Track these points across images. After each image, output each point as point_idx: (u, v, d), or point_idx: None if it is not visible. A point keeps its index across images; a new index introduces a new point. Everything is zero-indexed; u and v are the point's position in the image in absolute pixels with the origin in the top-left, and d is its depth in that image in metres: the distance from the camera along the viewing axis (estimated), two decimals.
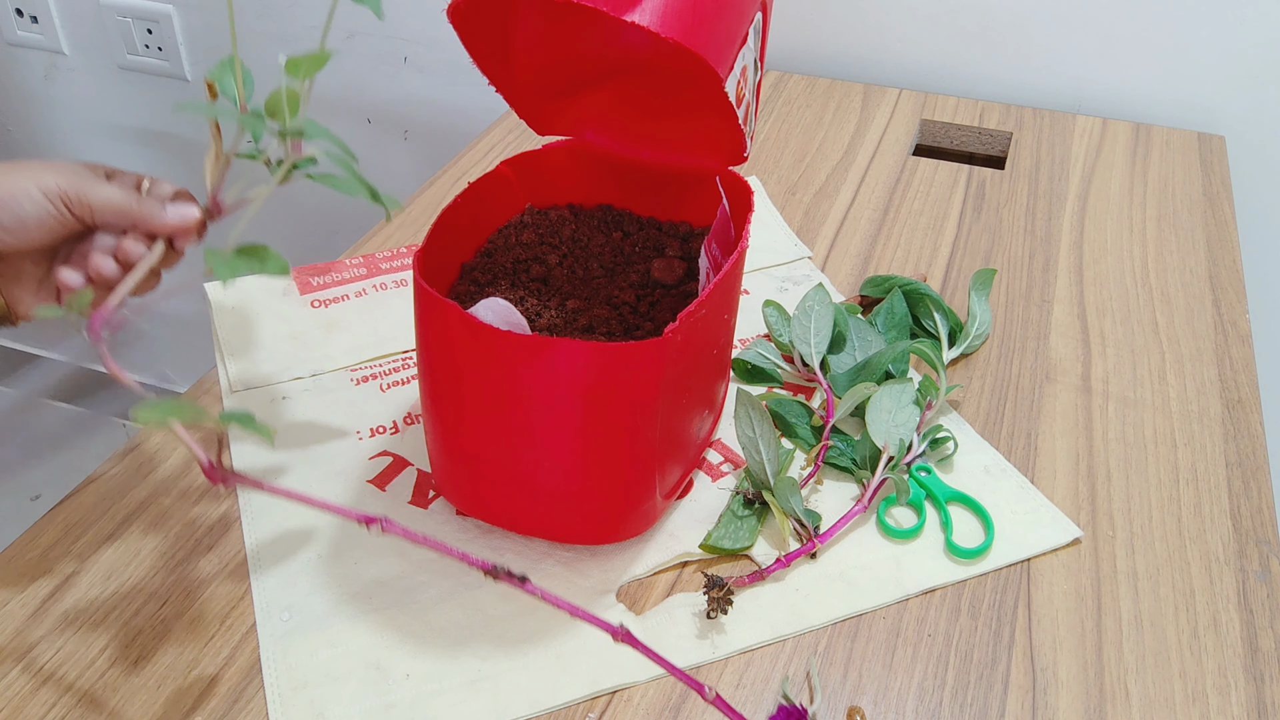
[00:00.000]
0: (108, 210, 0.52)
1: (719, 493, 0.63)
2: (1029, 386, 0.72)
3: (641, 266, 0.68)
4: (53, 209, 0.50)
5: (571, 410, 0.51)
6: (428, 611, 0.56)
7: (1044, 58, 1.09)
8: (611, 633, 0.46)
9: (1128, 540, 0.61)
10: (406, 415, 0.69)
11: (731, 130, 0.60)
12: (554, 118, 0.69)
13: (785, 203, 0.93)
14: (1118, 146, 1.02)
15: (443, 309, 0.51)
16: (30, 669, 0.53)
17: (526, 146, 0.81)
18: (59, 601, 0.57)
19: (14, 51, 1.53)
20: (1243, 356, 0.75)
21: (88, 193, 0.51)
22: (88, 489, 0.63)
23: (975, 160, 1.06)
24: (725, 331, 0.61)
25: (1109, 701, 0.53)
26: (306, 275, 0.80)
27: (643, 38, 0.62)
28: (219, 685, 0.53)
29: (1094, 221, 0.91)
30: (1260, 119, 1.05)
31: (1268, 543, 0.61)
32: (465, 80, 1.31)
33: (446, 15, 0.57)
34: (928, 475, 0.64)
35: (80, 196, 0.51)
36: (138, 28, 1.42)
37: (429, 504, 0.62)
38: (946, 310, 0.75)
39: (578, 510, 0.56)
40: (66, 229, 0.52)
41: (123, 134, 1.57)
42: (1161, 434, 0.69)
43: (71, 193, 0.51)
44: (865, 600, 0.57)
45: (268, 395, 0.70)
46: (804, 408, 0.68)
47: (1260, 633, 0.56)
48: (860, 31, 1.15)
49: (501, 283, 0.66)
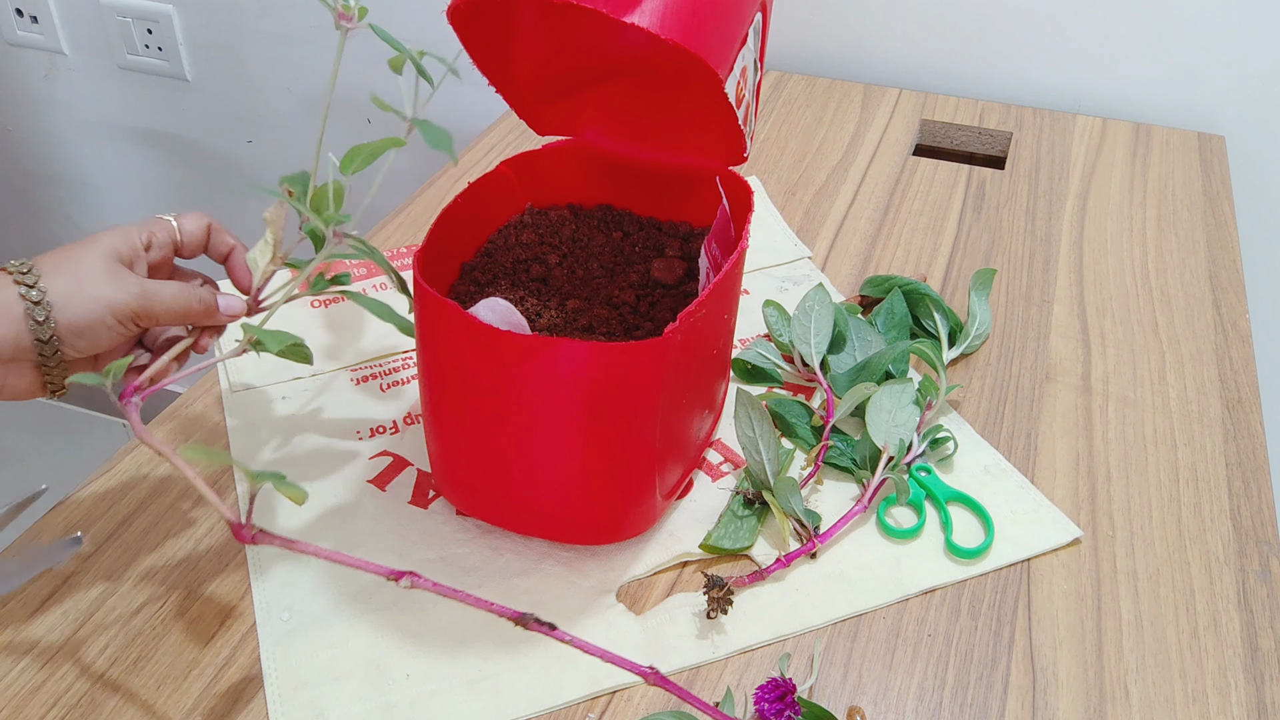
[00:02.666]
0: (171, 317, 0.54)
1: (719, 493, 0.63)
2: (1029, 386, 0.72)
3: (641, 266, 0.68)
4: (124, 330, 0.53)
5: (571, 410, 0.51)
6: (428, 611, 0.56)
7: (1044, 58, 1.09)
8: (643, 676, 0.47)
9: (1128, 540, 0.61)
10: (406, 415, 0.69)
11: (731, 130, 0.60)
12: (554, 118, 0.69)
13: (785, 203, 0.93)
14: (1118, 146, 1.02)
15: (443, 309, 0.51)
16: (30, 669, 0.53)
17: (526, 146, 0.81)
18: (59, 601, 0.57)
19: (14, 51, 1.53)
20: (1243, 356, 0.75)
21: (153, 307, 0.53)
22: (88, 489, 0.63)
23: (975, 160, 1.06)
24: (725, 331, 0.61)
25: (1109, 701, 0.53)
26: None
27: (642, 38, 0.62)
28: (219, 685, 0.53)
29: (1094, 221, 0.91)
30: (1260, 119, 1.05)
31: (1268, 543, 0.61)
32: (465, 80, 1.31)
33: (446, 16, 0.57)
34: (928, 475, 0.64)
35: (148, 312, 0.53)
36: (138, 28, 1.42)
37: (429, 504, 0.62)
38: (946, 310, 0.75)
39: (577, 510, 0.56)
40: (132, 340, 0.56)
41: (123, 134, 1.57)
42: (1161, 434, 0.69)
43: (141, 313, 0.53)
44: (865, 600, 0.57)
45: (268, 395, 0.70)
46: (804, 408, 0.68)
47: (1260, 633, 0.56)
48: (860, 31, 1.15)
49: (501, 283, 0.66)
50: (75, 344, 0.52)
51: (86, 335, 0.52)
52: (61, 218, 1.73)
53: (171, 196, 1.62)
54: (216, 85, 1.46)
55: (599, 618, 0.56)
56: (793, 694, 0.50)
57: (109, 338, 0.53)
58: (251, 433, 0.67)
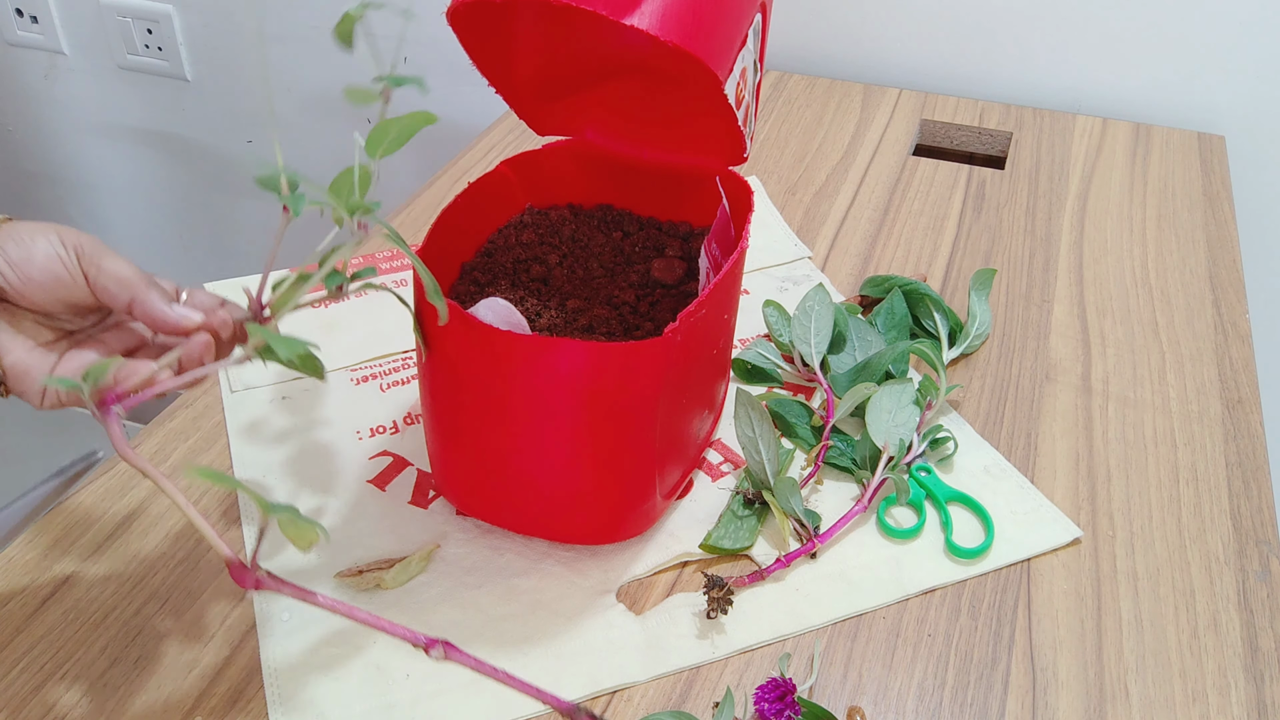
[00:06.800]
0: (112, 278, 0.50)
1: (719, 493, 0.63)
2: (1029, 386, 0.72)
3: (641, 266, 0.69)
4: (64, 253, 0.50)
5: (571, 410, 0.51)
6: (428, 611, 0.56)
7: (1044, 58, 1.09)
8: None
9: (1128, 540, 0.61)
10: (406, 415, 0.69)
11: (731, 131, 0.60)
12: (554, 118, 0.69)
13: (785, 203, 0.93)
14: (1118, 146, 1.02)
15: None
16: (30, 669, 0.53)
17: (526, 146, 0.81)
18: (59, 601, 0.57)
19: (14, 51, 1.53)
20: (1243, 356, 0.75)
21: (101, 255, 0.50)
22: (87, 489, 0.63)
23: (975, 160, 1.06)
24: (725, 331, 0.61)
25: (1109, 701, 0.53)
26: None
27: (642, 40, 0.62)
28: (219, 685, 0.53)
29: (1094, 221, 0.91)
30: (1260, 119, 1.05)
31: (1268, 543, 0.61)
32: (465, 80, 1.31)
33: (446, 17, 0.57)
34: (928, 475, 0.64)
35: (93, 256, 0.50)
36: (138, 28, 1.42)
37: (429, 504, 0.62)
38: (946, 310, 0.75)
39: (578, 510, 0.56)
40: (70, 282, 0.51)
41: (123, 134, 1.57)
42: (1161, 434, 0.69)
43: (87, 248, 0.50)
44: (865, 600, 0.57)
45: (267, 395, 0.70)
46: (804, 408, 0.68)
47: (1260, 633, 0.56)
48: (860, 31, 1.15)
49: (501, 283, 0.66)
50: (19, 273, 0.48)
51: (24, 242, 0.48)
52: (62, 218, 1.73)
53: (171, 196, 1.62)
54: (216, 85, 1.46)
55: (599, 618, 0.56)
56: (793, 694, 0.50)
57: (45, 254, 0.49)
58: (252, 433, 0.67)
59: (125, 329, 0.54)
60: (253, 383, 0.71)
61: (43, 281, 0.50)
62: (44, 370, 0.50)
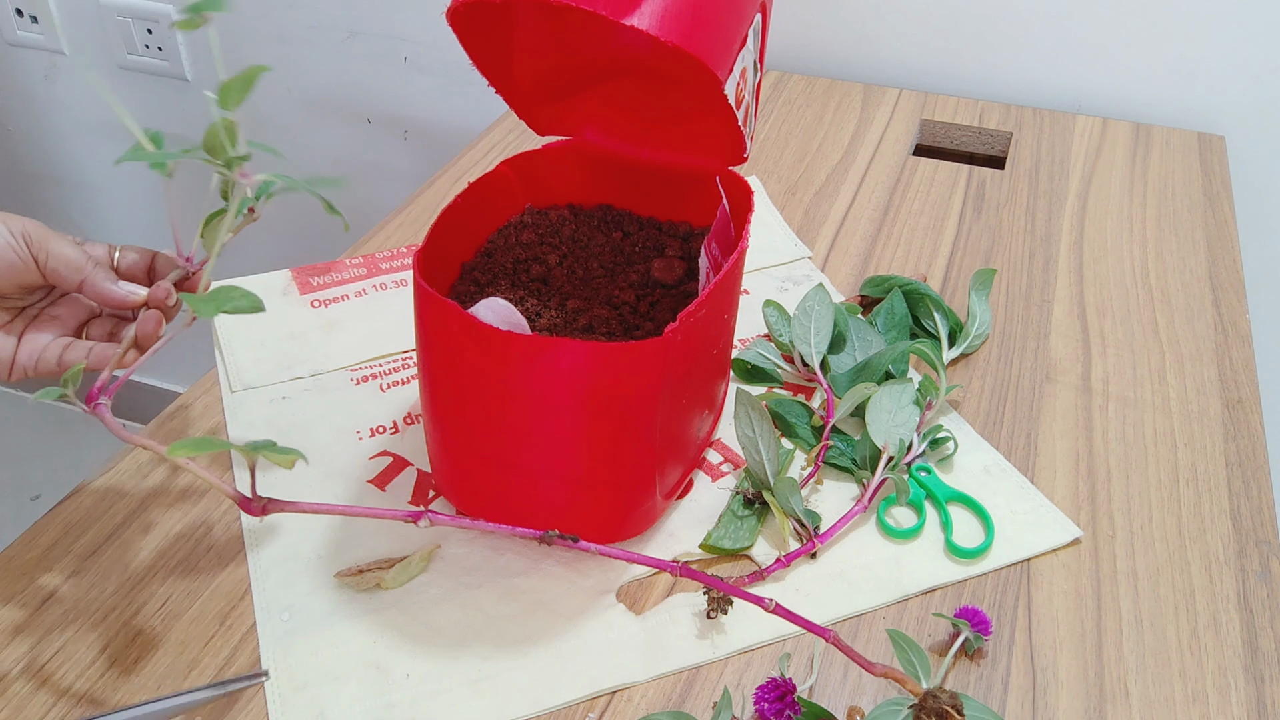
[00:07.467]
0: (61, 261, 0.55)
1: (719, 493, 0.63)
2: (1029, 386, 0.72)
3: (641, 266, 0.69)
4: (12, 240, 0.54)
5: (571, 410, 0.52)
6: (428, 611, 0.56)
7: (1044, 58, 1.09)
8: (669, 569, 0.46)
9: (1128, 540, 0.61)
10: (406, 415, 0.69)
11: (731, 131, 0.60)
12: (554, 118, 0.69)
13: (785, 203, 0.93)
14: (1118, 146, 1.02)
15: (443, 309, 0.51)
16: (30, 669, 0.53)
17: (526, 146, 0.81)
18: (59, 601, 0.57)
19: (14, 51, 1.53)
20: (1243, 356, 0.75)
21: (49, 240, 0.55)
22: (87, 489, 0.63)
23: (975, 160, 1.06)
24: (725, 331, 0.62)
25: (1109, 701, 0.53)
26: (306, 275, 0.81)
27: (642, 40, 0.62)
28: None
29: (1094, 221, 0.91)
30: (1260, 119, 1.05)
31: (1268, 543, 0.61)
32: (465, 80, 1.31)
33: (446, 18, 0.57)
34: (928, 475, 0.64)
35: (41, 241, 0.54)
36: (138, 28, 1.42)
37: (429, 504, 0.62)
38: (946, 310, 0.75)
39: (577, 510, 0.56)
40: (22, 267, 0.55)
41: (122, 134, 1.57)
42: (1161, 434, 0.69)
43: (34, 234, 0.54)
44: (865, 600, 0.57)
45: (268, 395, 0.70)
46: (804, 408, 0.68)
47: (1260, 633, 0.56)
48: (860, 31, 1.15)
49: (501, 283, 0.66)
50: None
51: None
52: (62, 218, 1.73)
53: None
54: (216, 85, 1.46)
55: (599, 618, 0.56)
56: (793, 694, 0.50)
57: (9, 260, 0.53)
58: (252, 433, 0.67)
59: (75, 302, 0.59)
60: (253, 383, 0.71)
61: (13, 318, 0.56)
62: (6, 352, 0.56)
